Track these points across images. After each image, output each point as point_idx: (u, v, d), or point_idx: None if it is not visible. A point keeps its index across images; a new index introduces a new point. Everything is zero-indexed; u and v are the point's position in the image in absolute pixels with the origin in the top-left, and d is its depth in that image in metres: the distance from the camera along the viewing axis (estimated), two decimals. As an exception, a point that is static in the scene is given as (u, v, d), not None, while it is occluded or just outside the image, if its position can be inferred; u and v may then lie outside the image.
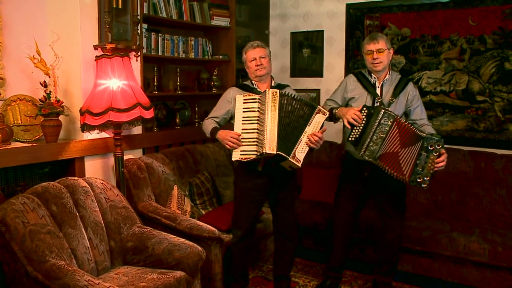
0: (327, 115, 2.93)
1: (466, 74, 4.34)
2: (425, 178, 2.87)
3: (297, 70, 5.38)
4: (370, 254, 4.01)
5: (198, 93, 4.71)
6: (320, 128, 2.93)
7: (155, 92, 4.20)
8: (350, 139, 2.98)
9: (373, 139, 2.89)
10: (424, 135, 2.88)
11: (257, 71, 3.10)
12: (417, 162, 2.87)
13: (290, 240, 3.31)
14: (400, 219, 3.33)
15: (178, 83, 4.46)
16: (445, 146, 4.08)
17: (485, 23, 4.19)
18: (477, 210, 4.00)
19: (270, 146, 2.83)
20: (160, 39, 4.18)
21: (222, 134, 3.03)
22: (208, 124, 3.18)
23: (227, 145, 2.97)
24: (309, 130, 2.91)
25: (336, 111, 3.11)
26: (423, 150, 2.86)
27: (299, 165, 2.88)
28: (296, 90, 4.97)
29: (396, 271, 3.50)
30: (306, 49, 5.29)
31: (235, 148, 2.95)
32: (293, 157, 2.87)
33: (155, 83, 4.22)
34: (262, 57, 3.10)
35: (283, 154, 2.85)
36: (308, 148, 2.91)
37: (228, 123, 3.26)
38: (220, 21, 4.74)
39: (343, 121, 3.03)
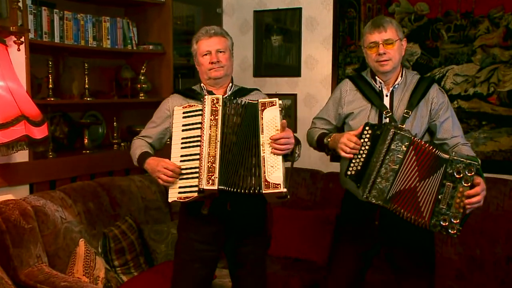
0: (277, 103, 2.94)
1: (515, 68, 4.34)
2: (452, 220, 2.81)
3: (263, 67, 5.38)
4: None
5: (117, 101, 4.69)
6: (281, 125, 2.93)
7: (50, 98, 4.12)
8: (348, 173, 2.96)
9: (381, 173, 2.89)
10: (447, 156, 2.84)
11: (212, 71, 3.11)
12: (439, 196, 2.83)
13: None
14: (428, 284, 3.26)
15: (86, 86, 4.38)
16: (484, 174, 3.99)
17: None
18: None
19: (209, 178, 2.84)
20: (56, 18, 4.06)
21: (151, 163, 3.00)
22: (137, 147, 3.15)
23: (159, 180, 2.95)
24: (265, 138, 2.92)
25: (329, 139, 3.12)
26: (447, 180, 2.82)
27: (282, 189, 2.83)
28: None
29: None
30: (277, 36, 5.28)
31: (171, 185, 2.94)
32: (267, 186, 2.84)
33: (50, 85, 4.12)
34: (220, 51, 3.12)
35: (227, 188, 2.86)
36: (280, 158, 2.89)
37: (167, 145, 3.27)
38: (149, -7, 4.74)
39: (338, 152, 3.03)
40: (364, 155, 2.92)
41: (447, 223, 2.80)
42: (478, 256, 4.06)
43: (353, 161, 2.95)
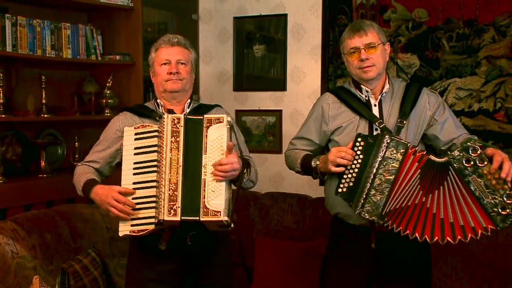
0: (224, 120, 2.96)
1: (525, 82, 4.38)
2: (507, 201, 2.81)
3: (244, 80, 5.38)
4: None
5: (79, 118, 4.70)
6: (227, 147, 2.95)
7: (1, 115, 4.14)
8: (340, 190, 2.97)
9: (375, 185, 2.91)
10: (445, 158, 2.90)
11: (169, 83, 3.10)
12: (476, 194, 2.86)
13: None
14: None
15: (43, 101, 4.37)
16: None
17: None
18: None
19: (170, 208, 2.83)
20: (8, 24, 4.06)
21: (100, 193, 2.96)
22: (81, 174, 3.12)
23: (110, 213, 2.93)
24: (208, 159, 2.93)
25: (318, 162, 3.13)
26: (466, 175, 2.87)
27: (222, 217, 2.84)
28: (244, 111, 5.42)
29: None
30: (259, 45, 5.28)
31: (124, 219, 2.93)
32: (206, 213, 2.85)
33: (1, 100, 4.13)
34: (181, 63, 3.13)
35: (192, 218, 2.85)
36: (224, 184, 2.91)
37: (117, 169, 3.22)
38: (116, -3, 4.76)
39: (330, 169, 3.02)
40: (356, 170, 2.93)
41: (508, 210, 2.80)
42: (488, 291, 4.00)
43: (344, 176, 2.96)
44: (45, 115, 4.31)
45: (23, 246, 3.57)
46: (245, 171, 3.01)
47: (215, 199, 2.87)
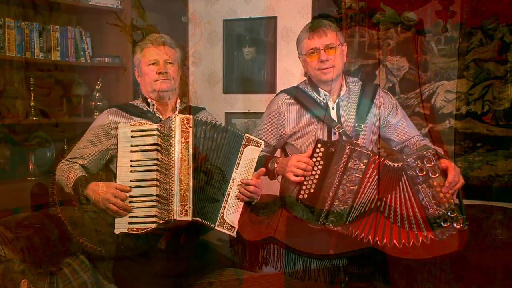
0: (261, 146, 3.01)
1: (512, 84, 4.36)
2: (450, 215, 2.89)
3: (234, 82, 5.36)
4: None
5: (68, 120, 4.70)
6: (255, 171, 3.00)
7: None
8: (301, 197, 2.99)
9: (338, 195, 2.94)
10: (400, 164, 2.93)
11: (158, 82, 3.11)
12: (423, 204, 2.91)
13: None
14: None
15: (32, 103, 4.41)
16: (479, 202, 4.23)
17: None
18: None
19: (182, 208, 2.83)
20: None
21: (97, 190, 2.94)
22: (69, 171, 3.08)
23: (108, 210, 2.90)
24: (238, 174, 2.97)
25: (276, 165, 3.18)
26: (417, 183, 2.92)
27: (233, 233, 2.93)
28: (234, 114, 5.41)
29: None
30: (249, 48, 5.27)
31: (123, 215, 2.90)
32: (222, 224, 2.92)
33: None
34: (169, 62, 3.15)
35: (202, 220, 2.87)
36: (242, 204, 2.98)
37: (105, 170, 3.23)
38: (105, -1, 4.67)
39: (288, 177, 3.07)
40: (317, 176, 2.94)
41: (448, 223, 2.89)
42: (477, 297, 4.05)
43: (305, 183, 2.96)
44: (34, 118, 4.33)
45: (11, 250, 3.54)
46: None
47: (233, 214, 2.93)
